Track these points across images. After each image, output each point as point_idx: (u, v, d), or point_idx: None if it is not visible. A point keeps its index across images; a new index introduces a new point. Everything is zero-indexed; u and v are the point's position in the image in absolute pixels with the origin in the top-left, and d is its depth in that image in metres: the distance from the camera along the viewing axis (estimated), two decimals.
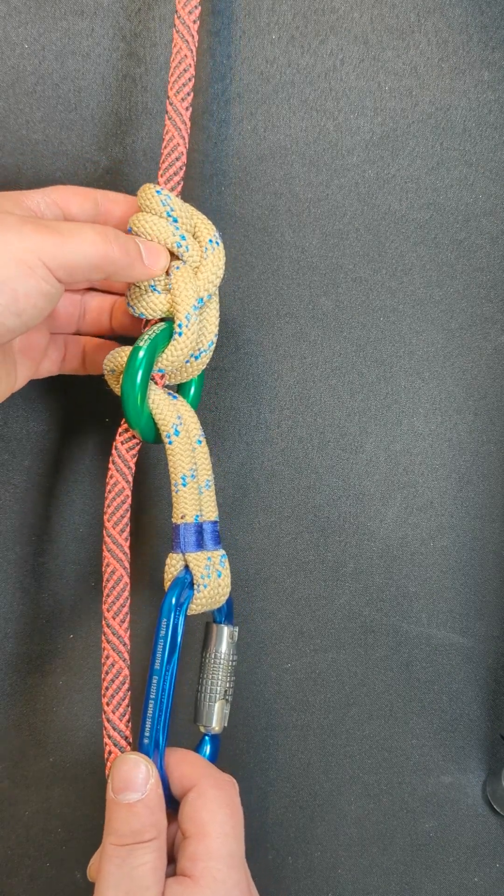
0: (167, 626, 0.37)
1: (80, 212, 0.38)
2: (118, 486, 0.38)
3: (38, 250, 0.32)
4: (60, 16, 0.42)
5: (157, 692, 0.36)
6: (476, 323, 0.46)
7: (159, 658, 0.36)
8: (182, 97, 0.38)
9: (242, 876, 0.34)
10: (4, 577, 0.45)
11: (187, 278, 0.38)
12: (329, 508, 0.46)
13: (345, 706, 0.47)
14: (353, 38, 0.43)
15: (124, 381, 0.38)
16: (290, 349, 0.45)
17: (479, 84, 0.44)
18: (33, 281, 0.32)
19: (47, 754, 0.46)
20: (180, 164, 0.39)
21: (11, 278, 0.32)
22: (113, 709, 0.37)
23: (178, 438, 0.38)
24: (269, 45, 0.43)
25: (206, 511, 0.39)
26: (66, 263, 0.33)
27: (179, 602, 0.37)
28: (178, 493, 0.38)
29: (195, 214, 0.39)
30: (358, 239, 0.45)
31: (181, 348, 0.38)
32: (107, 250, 0.34)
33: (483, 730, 0.47)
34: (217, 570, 0.39)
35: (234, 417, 0.46)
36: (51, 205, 0.37)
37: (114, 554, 0.38)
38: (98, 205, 0.39)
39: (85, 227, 0.34)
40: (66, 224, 0.34)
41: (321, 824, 0.47)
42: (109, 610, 0.37)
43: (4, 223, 0.32)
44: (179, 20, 0.38)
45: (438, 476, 0.46)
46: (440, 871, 0.47)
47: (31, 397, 0.45)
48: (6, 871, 0.46)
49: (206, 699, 0.39)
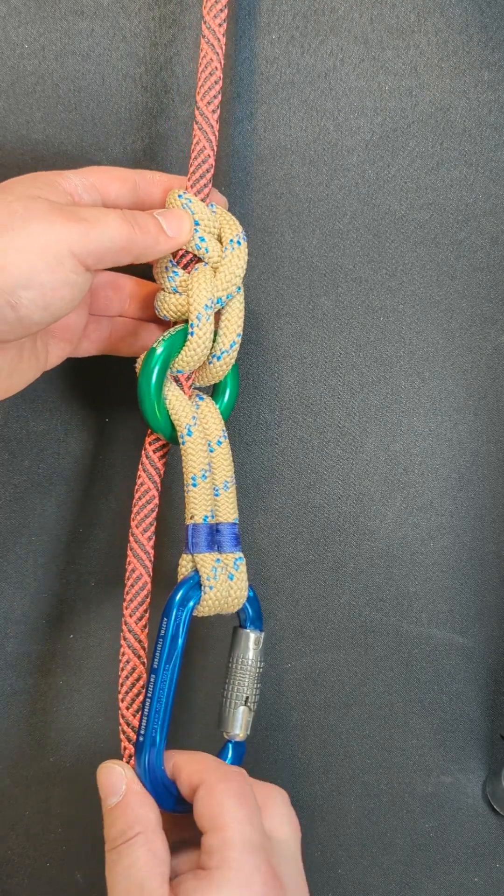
0: (167, 625, 0.37)
1: (119, 195, 0.38)
2: (146, 489, 0.39)
3: (66, 240, 0.32)
4: (60, 16, 0.42)
5: (156, 690, 0.36)
6: (476, 323, 0.46)
7: (158, 656, 0.36)
8: (210, 103, 0.38)
9: (262, 859, 0.33)
10: (4, 577, 0.45)
11: (204, 279, 0.38)
12: (329, 508, 0.46)
13: (345, 706, 0.47)
14: (353, 38, 0.43)
15: (140, 381, 0.38)
16: (290, 349, 0.45)
17: (479, 84, 0.44)
18: (61, 274, 0.32)
19: (47, 754, 0.46)
20: (209, 169, 0.39)
21: (38, 272, 0.32)
22: (128, 707, 0.37)
23: (190, 438, 0.38)
24: (269, 45, 0.43)
25: (224, 512, 0.39)
26: (94, 250, 0.33)
27: (184, 602, 0.37)
28: (189, 494, 0.38)
29: (223, 216, 0.39)
30: (358, 239, 0.45)
31: (194, 348, 0.38)
32: (130, 233, 0.34)
33: (483, 730, 0.47)
34: (229, 572, 0.38)
35: (234, 417, 0.46)
36: (89, 188, 0.37)
37: (139, 559, 0.38)
38: (136, 187, 0.38)
39: (109, 213, 0.34)
40: (91, 210, 0.34)
41: (321, 824, 0.47)
42: (132, 615, 0.38)
43: (32, 212, 0.32)
44: (206, 27, 0.39)
45: (438, 476, 0.46)
46: (440, 871, 0.47)
47: (31, 397, 0.45)
48: (6, 871, 0.46)
49: (229, 705, 0.39)
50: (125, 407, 0.44)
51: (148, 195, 0.39)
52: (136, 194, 0.38)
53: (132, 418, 0.44)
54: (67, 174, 0.36)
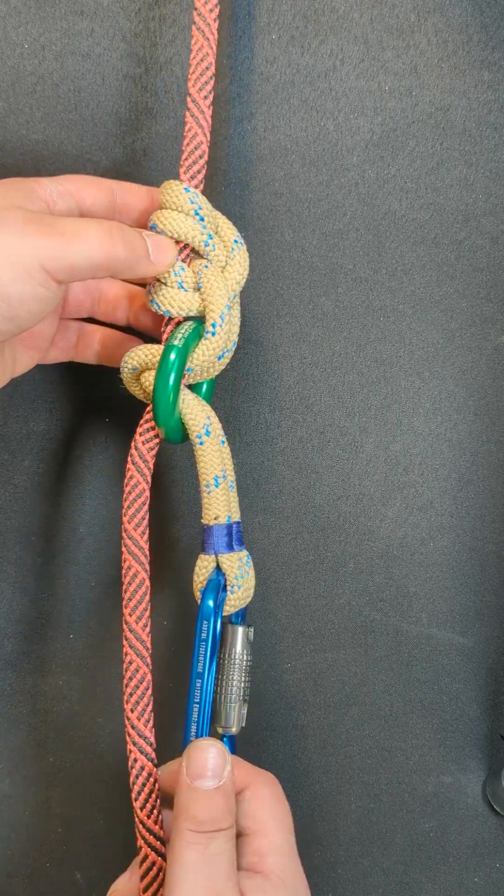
0: (209, 629, 0.37)
1: (95, 203, 0.37)
2: (137, 484, 0.38)
3: (38, 254, 0.31)
4: (60, 16, 0.42)
5: (202, 695, 0.36)
6: (476, 323, 0.46)
7: (202, 661, 0.36)
8: (202, 91, 0.38)
9: (301, 869, 0.35)
10: (4, 576, 0.45)
11: (219, 278, 0.38)
12: (329, 508, 0.46)
13: (345, 706, 0.47)
14: (353, 38, 0.43)
15: (157, 382, 0.37)
16: (290, 349, 0.45)
17: (479, 84, 0.44)
18: (28, 287, 0.31)
19: (47, 754, 0.46)
20: (202, 159, 0.38)
21: (5, 284, 0.31)
22: (138, 715, 0.36)
23: (209, 439, 0.38)
24: (269, 45, 0.43)
25: (234, 512, 0.39)
26: (67, 266, 0.32)
27: (217, 604, 0.37)
28: (211, 494, 0.38)
29: (217, 214, 0.39)
30: (358, 239, 0.45)
31: (213, 348, 0.37)
32: (111, 250, 0.33)
33: (483, 730, 0.47)
34: (246, 570, 0.39)
35: (234, 417, 0.46)
36: (64, 194, 0.36)
37: (134, 556, 0.37)
38: (114, 195, 0.38)
39: (90, 226, 0.33)
40: (70, 222, 0.33)
41: (321, 824, 0.47)
42: (131, 613, 0.37)
43: (7, 221, 0.31)
44: (199, 16, 0.38)
45: (438, 476, 0.46)
46: (440, 871, 0.47)
47: (31, 396, 0.45)
48: (6, 871, 0.46)
49: (224, 700, 0.39)
50: (125, 407, 0.44)
51: (125, 203, 0.38)
52: (112, 202, 0.38)
53: (132, 418, 0.44)
54: (43, 181, 0.36)
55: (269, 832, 0.35)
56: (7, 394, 0.45)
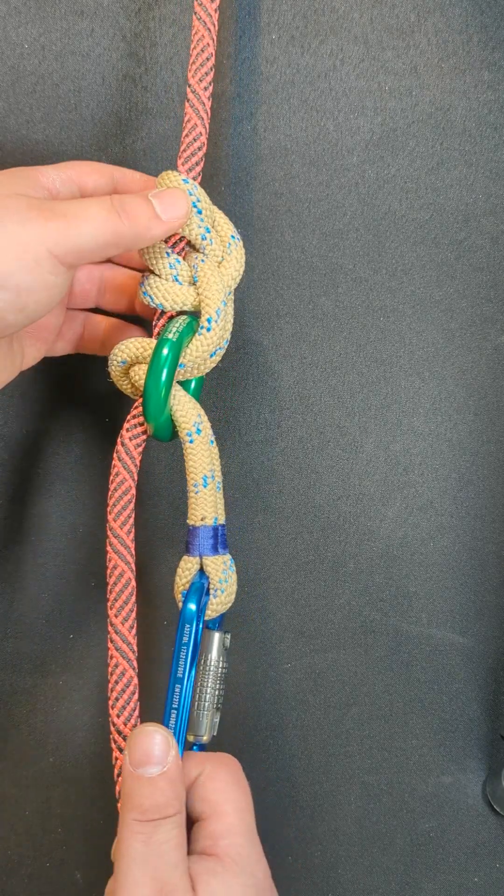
0: (190, 634, 0.36)
1: (96, 188, 0.37)
2: (123, 481, 0.37)
3: (43, 239, 0.31)
4: (60, 16, 0.42)
5: (181, 701, 0.35)
6: (476, 323, 0.46)
7: (182, 666, 0.35)
8: (202, 81, 0.37)
9: (260, 849, 0.34)
10: (4, 576, 0.45)
11: (215, 273, 0.37)
12: (329, 508, 0.46)
13: (345, 706, 0.47)
14: (353, 38, 0.43)
15: (150, 376, 0.36)
16: (290, 349, 0.45)
17: (479, 84, 0.44)
18: (37, 275, 0.31)
19: (47, 754, 0.46)
20: (201, 151, 0.38)
21: (13, 273, 0.31)
22: (124, 720, 0.35)
23: (199, 437, 0.37)
24: (269, 45, 0.43)
25: (220, 514, 0.38)
26: (74, 248, 0.31)
27: (200, 607, 0.36)
28: (199, 495, 0.37)
29: (215, 209, 0.38)
30: (358, 239, 0.45)
31: (208, 344, 0.37)
32: (116, 224, 0.32)
33: (483, 730, 0.47)
34: (230, 574, 0.38)
35: (234, 417, 0.46)
36: (66, 181, 0.36)
37: (120, 554, 0.37)
38: (114, 181, 0.37)
39: (91, 205, 0.32)
40: (72, 204, 0.32)
41: (321, 824, 0.47)
42: (117, 615, 0.36)
43: (9, 209, 0.31)
44: (200, 6, 0.38)
45: (438, 476, 0.46)
46: (440, 871, 0.47)
47: (31, 397, 0.45)
48: (6, 871, 0.46)
49: (197, 708, 0.37)
50: (125, 407, 0.44)
51: (125, 189, 0.38)
52: (113, 188, 0.37)
53: None
54: (44, 169, 0.35)
55: (224, 814, 0.33)
56: (7, 394, 0.45)
